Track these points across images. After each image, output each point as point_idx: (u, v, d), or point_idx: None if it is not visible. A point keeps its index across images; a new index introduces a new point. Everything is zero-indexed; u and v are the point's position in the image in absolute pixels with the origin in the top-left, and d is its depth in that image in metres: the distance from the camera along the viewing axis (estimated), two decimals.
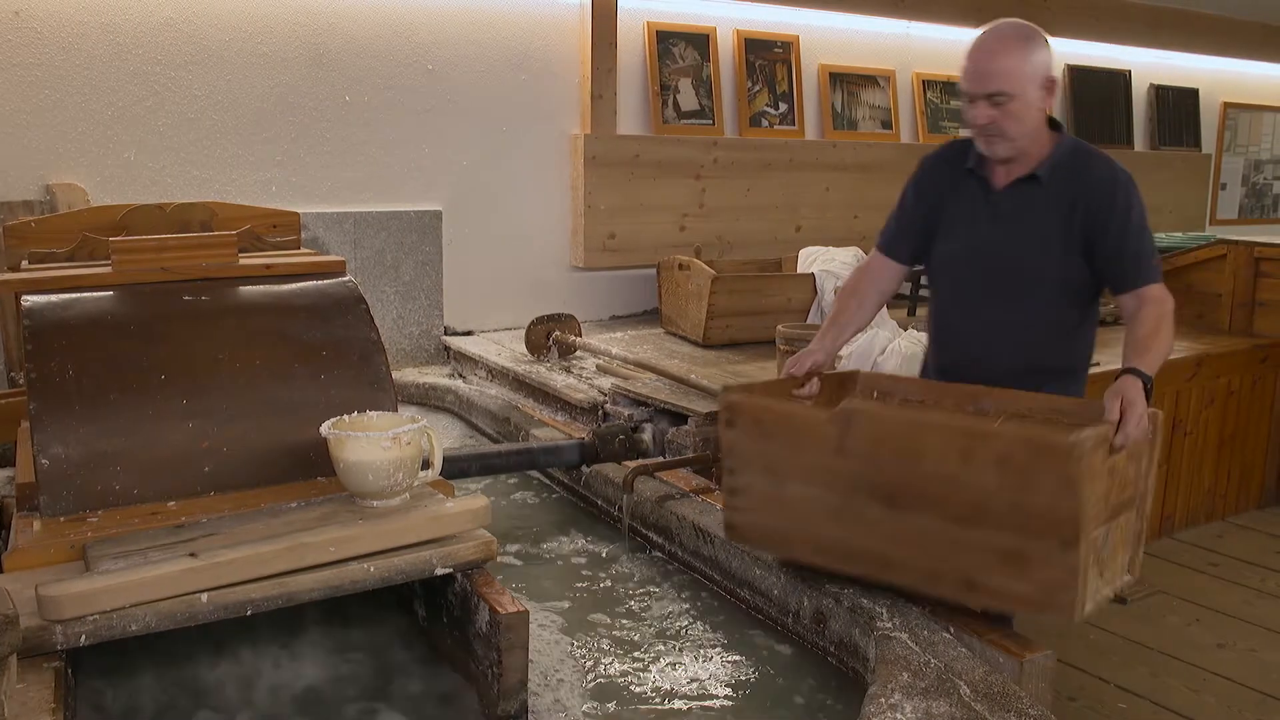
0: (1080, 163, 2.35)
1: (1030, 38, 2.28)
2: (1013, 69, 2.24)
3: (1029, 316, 2.40)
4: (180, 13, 3.88)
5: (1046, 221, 2.35)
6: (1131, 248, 2.32)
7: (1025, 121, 2.29)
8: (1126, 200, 2.32)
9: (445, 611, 2.00)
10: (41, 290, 2.19)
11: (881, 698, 1.70)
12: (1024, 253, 2.37)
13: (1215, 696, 3.16)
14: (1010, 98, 2.25)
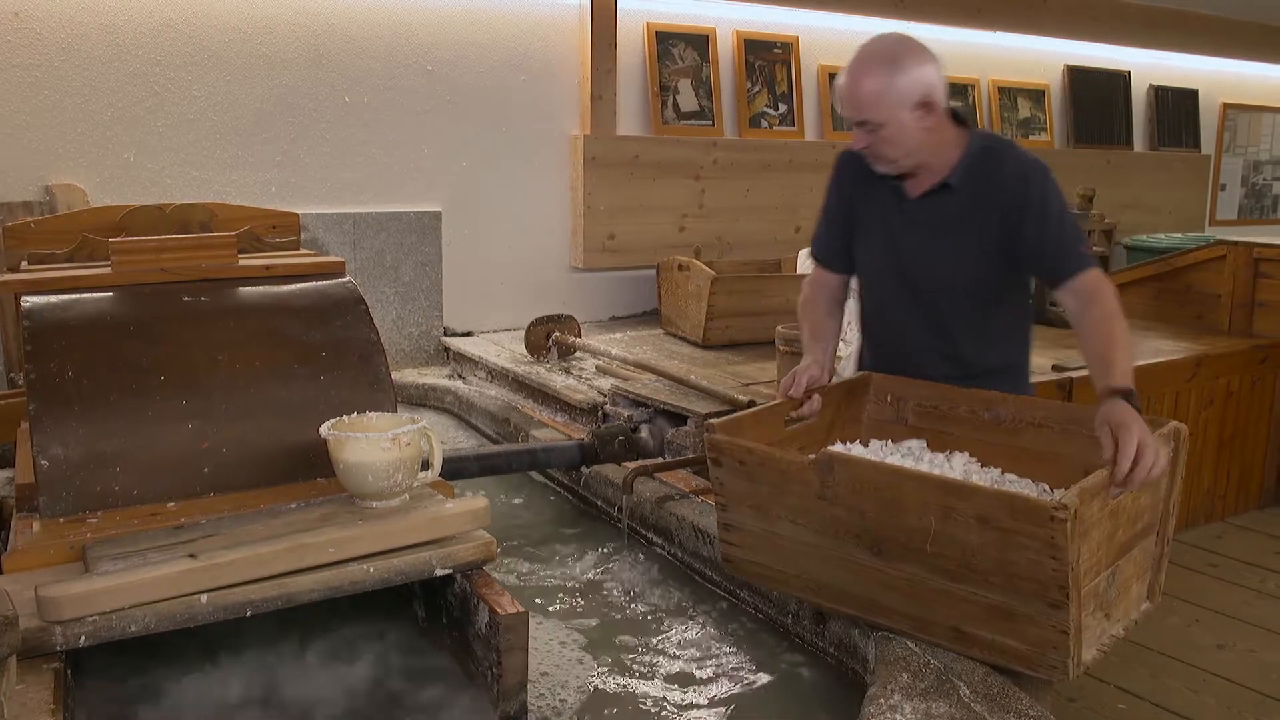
0: (991, 163, 2.26)
1: (896, 60, 2.15)
2: (876, 97, 2.15)
3: (955, 323, 2.35)
4: (180, 14, 3.88)
5: (962, 228, 2.28)
6: (1053, 239, 2.22)
7: (903, 144, 2.20)
8: (1041, 192, 2.23)
9: (445, 612, 2.00)
10: (41, 291, 2.19)
11: (881, 698, 1.70)
12: (941, 261, 2.31)
13: (1215, 697, 3.16)
14: (880, 125, 2.17)
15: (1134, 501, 1.85)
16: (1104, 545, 1.77)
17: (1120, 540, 1.83)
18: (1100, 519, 1.74)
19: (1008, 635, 1.78)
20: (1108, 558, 1.79)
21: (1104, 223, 5.19)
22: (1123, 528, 1.82)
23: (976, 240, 2.27)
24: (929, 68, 2.18)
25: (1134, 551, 1.89)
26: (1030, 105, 6.45)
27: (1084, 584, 1.71)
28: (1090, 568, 1.73)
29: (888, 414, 2.40)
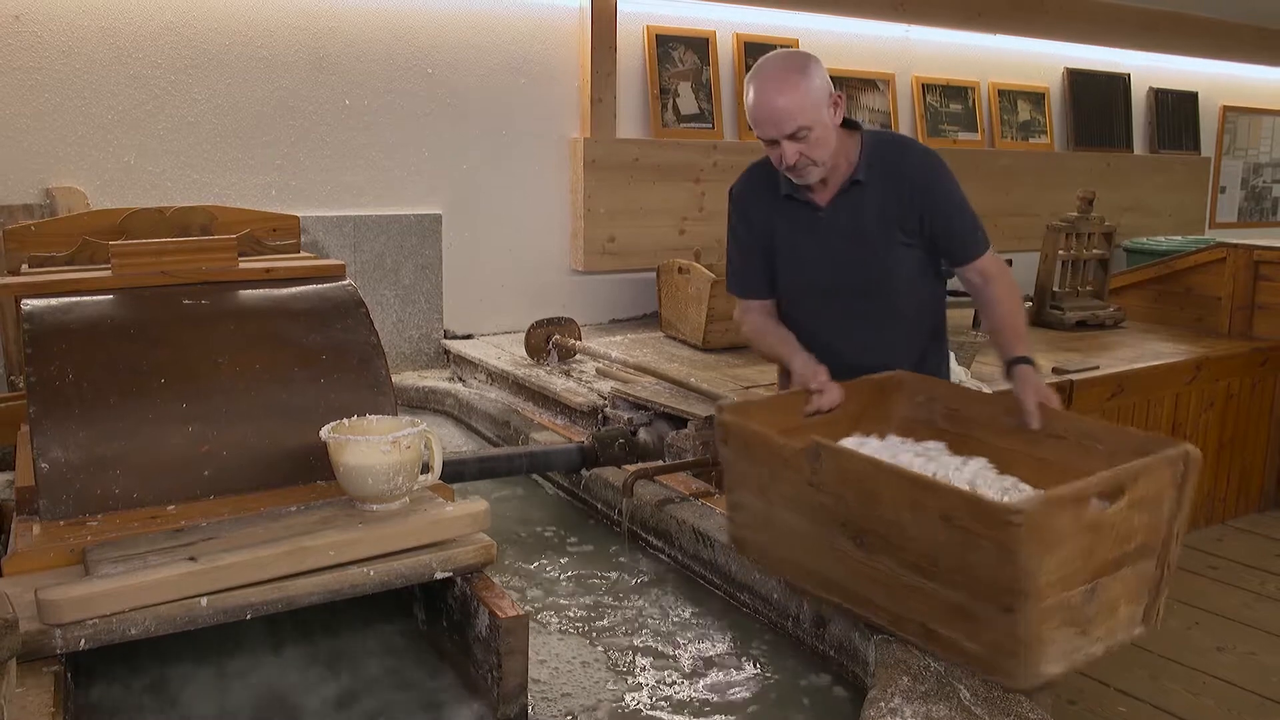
0: (892, 153, 2.41)
1: (804, 67, 2.28)
2: (801, 102, 2.25)
3: (894, 308, 2.47)
4: (180, 17, 3.88)
5: (880, 218, 2.40)
6: (958, 223, 2.42)
7: (828, 142, 2.32)
8: (947, 178, 2.41)
9: (445, 615, 2.00)
10: (41, 294, 2.19)
11: (881, 701, 1.70)
12: (870, 255, 2.41)
13: (1215, 699, 3.16)
14: (810, 129, 2.27)
15: (1124, 519, 1.77)
16: (1079, 559, 1.73)
17: (1104, 557, 1.77)
18: (1074, 532, 1.70)
19: (967, 636, 1.79)
20: (1085, 573, 1.75)
21: (1104, 225, 5.19)
22: (1107, 544, 1.76)
23: (896, 224, 2.40)
24: (822, 67, 2.34)
25: (1124, 571, 1.81)
26: (1030, 108, 6.46)
27: (1048, 595, 1.68)
28: (1059, 580, 1.70)
29: (919, 413, 2.37)
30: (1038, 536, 1.64)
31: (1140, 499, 1.78)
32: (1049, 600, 1.69)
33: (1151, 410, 4.33)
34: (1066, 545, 1.70)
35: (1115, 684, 3.18)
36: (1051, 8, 6.24)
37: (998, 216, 6.18)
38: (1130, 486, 1.75)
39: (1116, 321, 5.14)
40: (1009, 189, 6.23)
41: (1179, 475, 1.84)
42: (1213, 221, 7.63)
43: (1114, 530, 1.77)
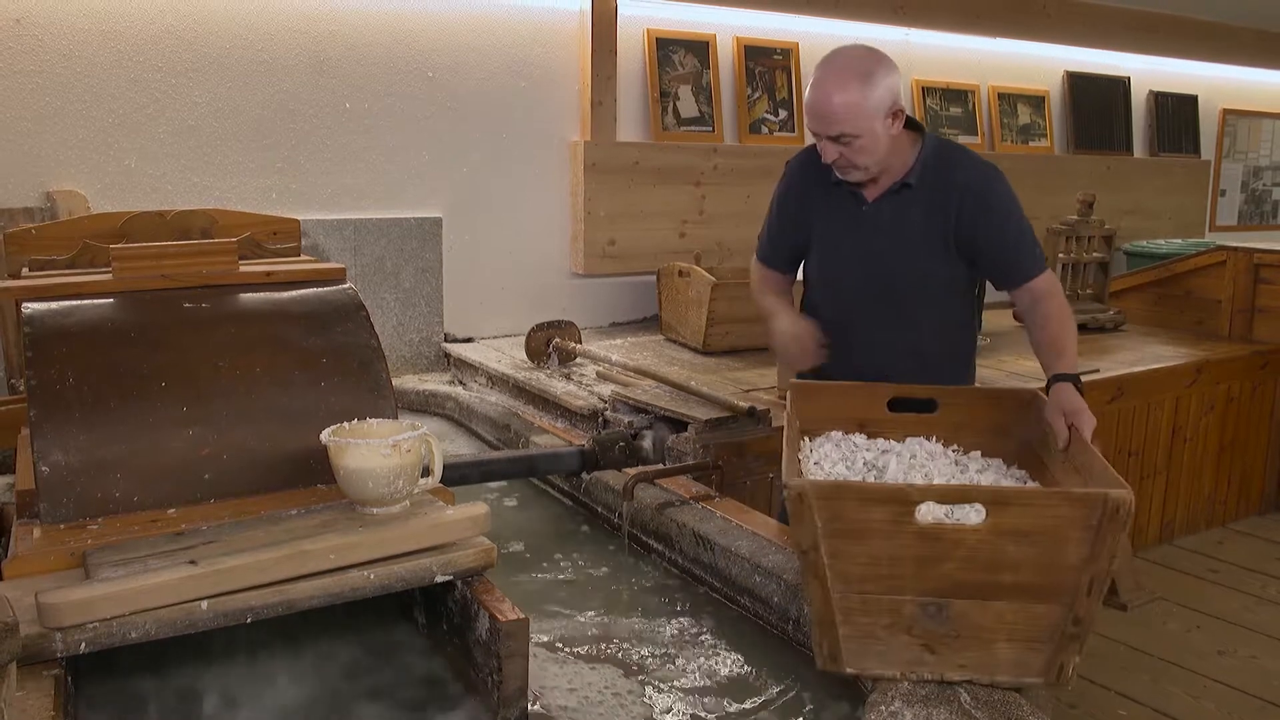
0: (948, 163, 2.36)
1: (870, 73, 2.21)
2: (853, 110, 2.19)
3: (918, 317, 2.44)
4: (181, 20, 3.89)
5: (924, 226, 2.36)
6: (1013, 241, 2.34)
7: (875, 152, 2.27)
8: (1003, 193, 2.35)
9: (445, 619, 2.00)
10: (42, 297, 2.19)
11: (882, 705, 1.70)
12: (905, 259, 2.38)
13: (1216, 703, 3.16)
14: (856, 137, 2.22)
15: (988, 544, 1.66)
16: (907, 565, 1.68)
17: (952, 575, 1.68)
18: (892, 532, 1.66)
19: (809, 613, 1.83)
20: (917, 583, 1.69)
21: (1104, 228, 5.20)
22: (959, 564, 1.68)
23: (940, 235, 2.37)
24: (895, 77, 2.26)
25: (998, 605, 1.70)
26: (1030, 111, 6.46)
27: (849, 585, 1.69)
28: (870, 575, 1.68)
29: (1030, 433, 2.26)
30: (814, 516, 1.64)
31: (1017, 530, 1.66)
32: (853, 590, 1.69)
33: (1152, 413, 4.33)
34: (875, 542, 1.67)
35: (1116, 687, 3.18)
36: (1051, 11, 6.24)
37: None
38: (996, 511, 1.65)
39: (1117, 324, 5.15)
40: None
41: (1092, 519, 1.64)
42: (1213, 224, 7.64)
43: (968, 551, 1.67)
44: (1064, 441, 2.04)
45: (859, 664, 1.74)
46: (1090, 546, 1.65)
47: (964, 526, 1.67)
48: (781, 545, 2.38)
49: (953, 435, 2.28)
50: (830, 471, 2.10)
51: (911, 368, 2.41)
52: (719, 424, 3.14)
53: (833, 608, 1.70)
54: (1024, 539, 1.66)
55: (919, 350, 2.46)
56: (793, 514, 1.66)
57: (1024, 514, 1.65)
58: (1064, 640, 1.71)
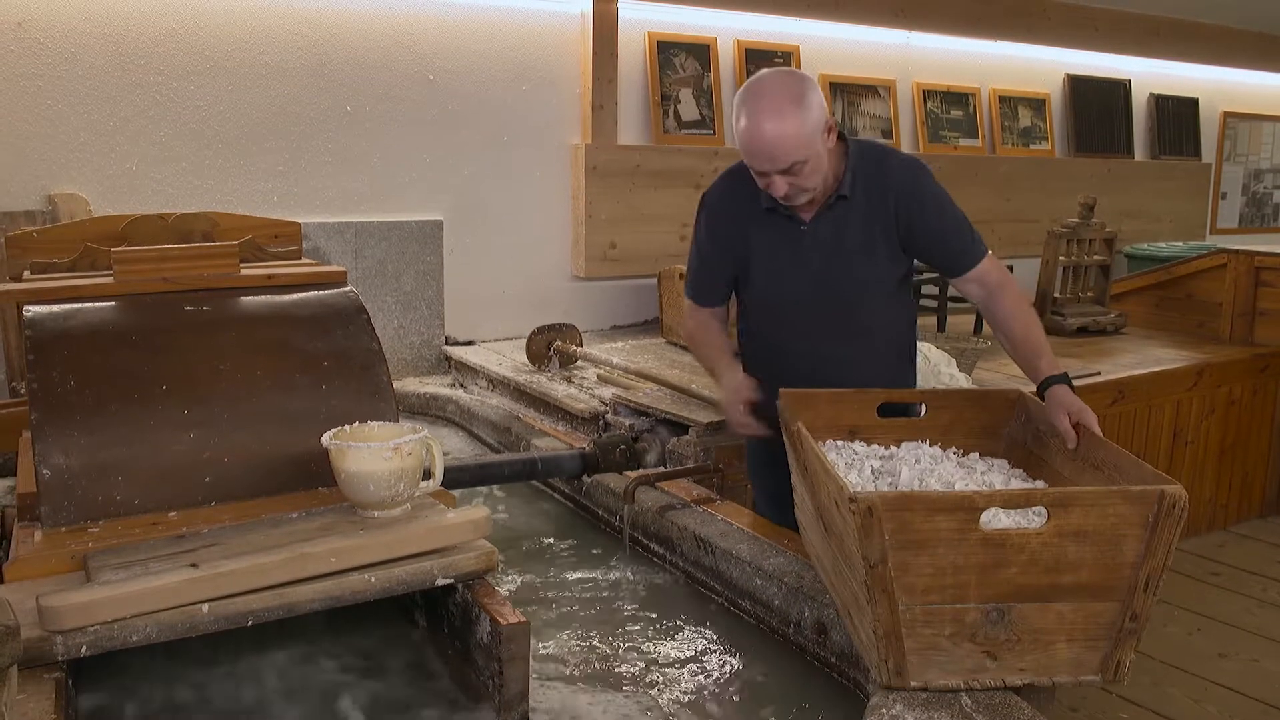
0: (878, 167, 2.36)
1: (800, 96, 2.17)
2: (798, 137, 2.17)
3: (867, 325, 2.44)
4: (182, 24, 3.89)
5: (864, 234, 2.36)
6: (951, 232, 2.37)
7: (821, 169, 2.26)
8: (932, 187, 2.37)
9: (446, 622, 2.00)
10: (43, 300, 2.19)
11: (883, 708, 1.69)
12: (850, 270, 2.38)
13: (1217, 706, 3.16)
14: (805, 162, 2.20)
15: (1050, 547, 1.67)
16: (969, 572, 1.67)
17: (1017, 580, 1.68)
18: (957, 540, 1.65)
19: (859, 626, 1.81)
20: (980, 589, 1.68)
21: (1105, 231, 5.20)
22: (1022, 568, 1.67)
23: (881, 239, 2.37)
24: (819, 91, 2.26)
25: (1060, 605, 1.70)
26: (1031, 114, 6.47)
27: (904, 596, 1.67)
28: (933, 586, 1.67)
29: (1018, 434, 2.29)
30: (882, 529, 1.63)
31: (1079, 530, 1.66)
32: (917, 603, 1.68)
33: (1153, 416, 4.33)
34: (940, 551, 1.65)
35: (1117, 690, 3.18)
36: (1052, 14, 6.25)
37: (998, 222, 6.19)
38: (1059, 513, 1.65)
39: (1118, 327, 5.14)
40: (1010, 195, 6.24)
41: (1149, 516, 1.67)
42: (1214, 227, 7.64)
43: (1032, 554, 1.67)
44: (1073, 442, 2.05)
45: (922, 676, 1.73)
46: (1146, 543, 1.68)
47: (1027, 531, 1.68)
48: (783, 549, 2.38)
49: (942, 437, 2.30)
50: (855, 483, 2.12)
51: (866, 375, 2.41)
52: (720, 427, 3.14)
53: (899, 621, 1.69)
54: (1084, 539, 1.67)
55: (871, 358, 2.47)
56: (860, 528, 1.63)
57: (1085, 514, 1.66)
58: (1121, 637, 1.73)
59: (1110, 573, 1.70)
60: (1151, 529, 1.68)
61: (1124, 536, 1.68)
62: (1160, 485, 1.69)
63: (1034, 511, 1.85)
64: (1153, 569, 1.70)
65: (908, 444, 2.26)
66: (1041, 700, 1.79)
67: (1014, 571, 1.68)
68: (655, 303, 4.71)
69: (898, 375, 2.53)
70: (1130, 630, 1.73)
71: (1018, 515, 1.85)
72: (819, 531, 2.02)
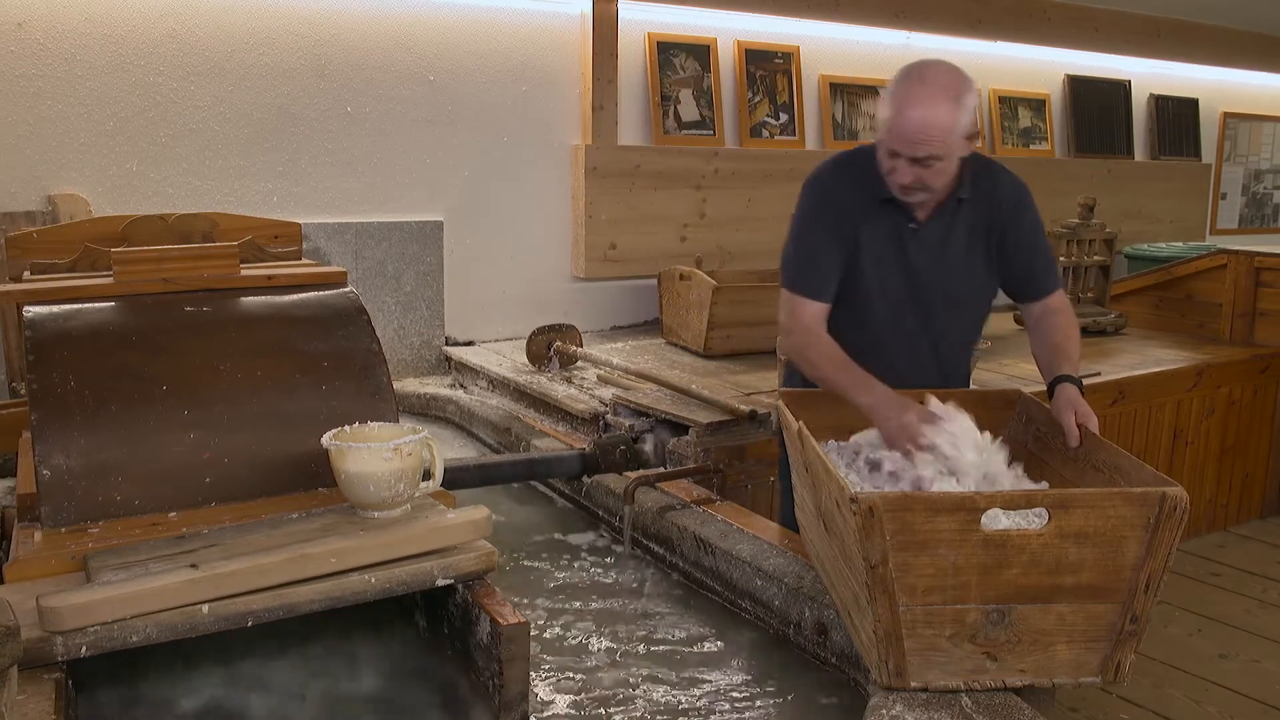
0: (989, 181, 2.36)
1: (961, 94, 2.17)
2: (944, 131, 2.14)
3: (950, 331, 2.45)
4: (182, 24, 3.89)
5: (969, 241, 2.36)
6: (1041, 259, 2.40)
7: (950, 173, 2.23)
8: (1033, 213, 2.39)
9: (446, 622, 2.00)
10: (43, 301, 2.19)
11: (883, 709, 1.70)
12: (951, 275, 2.38)
13: (1217, 707, 3.16)
14: (939, 159, 2.17)
15: (1051, 548, 1.67)
16: (970, 573, 1.67)
17: (1014, 580, 1.68)
18: (959, 541, 1.66)
19: (859, 626, 1.80)
20: (981, 590, 1.68)
21: (1105, 232, 5.20)
22: (1020, 568, 1.68)
23: (983, 251, 2.37)
24: (976, 96, 2.24)
25: (1060, 606, 1.71)
26: (1031, 115, 6.46)
27: (905, 597, 1.67)
28: (934, 587, 1.67)
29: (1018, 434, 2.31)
30: (883, 530, 1.63)
31: (1080, 532, 1.66)
32: (917, 603, 1.68)
33: (1153, 417, 4.33)
34: (941, 552, 1.65)
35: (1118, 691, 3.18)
36: (1052, 14, 6.25)
37: None
38: (1059, 515, 1.66)
39: (1118, 328, 5.14)
40: None
41: (1150, 518, 1.67)
42: (1213, 228, 7.64)
43: (1032, 556, 1.67)
44: (1075, 441, 2.06)
45: (922, 677, 1.73)
46: (1147, 545, 1.68)
47: (1028, 531, 1.68)
48: (783, 549, 2.38)
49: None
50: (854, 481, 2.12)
51: (933, 379, 2.42)
52: (720, 427, 3.14)
53: (900, 622, 1.69)
54: (1085, 540, 1.68)
55: (941, 363, 2.47)
56: (861, 528, 1.63)
57: (1086, 516, 1.66)
58: (1122, 638, 1.73)
59: (1111, 574, 1.70)
60: (1152, 530, 1.68)
61: (1125, 538, 1.68)
62: (1161, 487, 1.69)
63: (1035, 513, 1.85)
64: (1153, 570, 1.70)
65: None
66: (1042, 701, 1.79)
67: (1015, 573, 1.68)
68: (655, 303, 4.71)
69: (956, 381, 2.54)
70: (1131, 631, 1.73)
71: (1019, 516, 1.85)
72: (820, 532, 2.02)
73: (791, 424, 2.13)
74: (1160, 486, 1.70)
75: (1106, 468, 1.98)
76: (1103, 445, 2.02)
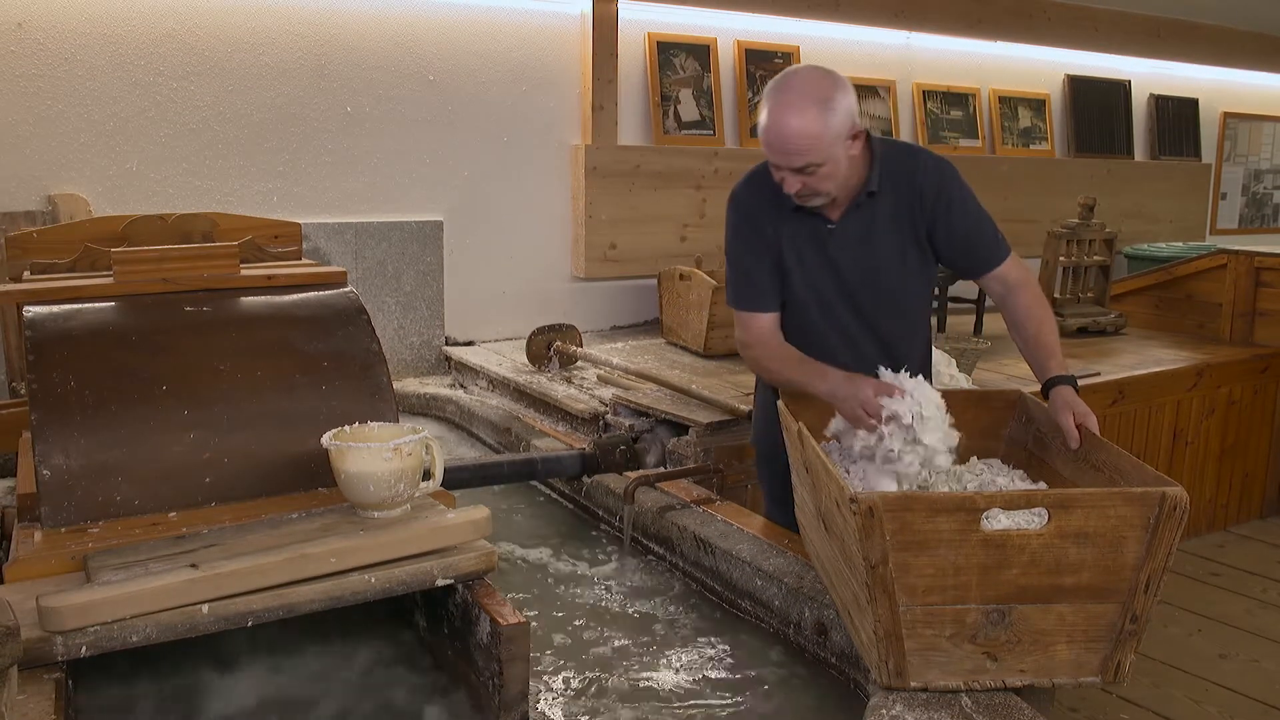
0: (903, 163, 2.34)
1: (828, 99, 2.13)
2: (816, 140, 2.13)
3: (894, 323, 2.44)
4: (182, 24, 3.89)
5: (892, 232, 2.35)
6: (975, 231, 2.36)
7: (838, 175, 2.22)
8: (959, 185, 2.36)
9: (446, 622, 2.00)
10: (43, 301, 2.19)
11: (883, 709, 1.70)
12: (883, 266, 2.36)
13: (1217, 707, 3.16)
14: (820, 165, 2.17)
15: (1052, 548, 1.67)
16: (970, 573, 1.67)
17: (1014, 580, 1.68)
18: (959, 541, 1.65)
19: (859, 626, 1.80)
20: (981, 590, 1.68)
21: (1105, 232, 5.19)
22: (1020, 568, 1.68)
23: (912, 239, 2.36)
24: (851, 96, 2.20)
25: (1060, 607, 1.71)
26: (1031, 115, 6.46)
27: (905, 597, 1.67)
28: (932, 587, 1.67)
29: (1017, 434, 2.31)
30: (883, 530, 1.63)
31: (1080, 532, 1.66)
32: (917, 603, 1.68)
33: (1153, 417, 4.33)
34: (941, 552, 1.65)
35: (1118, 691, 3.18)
36: (1052, 14, 6.25)
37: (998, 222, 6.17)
38: (1060, 515, 1.65)
39: (1118, 328, 5.14)
40: (1010, 195, 6.24)
41: (1150, 518, 1.67)
42: (1213, 228, 7.64)
43: (1033, 556, 1.67)
44: (1076, 442, 2.06)
45: (922, 677, 1.73)
46: (1147, 545, 1.68)
47: (1028, 531, 1.68)
48: (783, 549, 2.38)
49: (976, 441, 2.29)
50: None
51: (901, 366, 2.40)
52: (720, 427, 3.14)
53: (900, 622, 1.69)
54: (1085, 540, 1.67)
55: (896, 354, 2.43)
56: (861, 528, 1.63)
57: (1086, 516, 1.66)
58: (1122, 638, 1.73)
59: (1111, 574, 1.70)
60: (1152, 531, 1.68)
61: (1125, 538, 1.68)
62: (1161, 487, 1.69)
63: (1035, 513, 1.85)
64: (1153, 570, 1.70)
65: None
66: (1041, 701, 1.79)
67: (1015, 573, 1.68)
68: (655, 303, 4.71)
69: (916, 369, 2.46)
70: (1131, 632, 1.73)
71: (1019, 516, 1.85)
72: (820, 532, 2.02)
73: (791, 424, 2.13)
74: (1160, 486, 1.70)
75: (1106, 468, 1.98)
76: (1102, 445, 2.02)
